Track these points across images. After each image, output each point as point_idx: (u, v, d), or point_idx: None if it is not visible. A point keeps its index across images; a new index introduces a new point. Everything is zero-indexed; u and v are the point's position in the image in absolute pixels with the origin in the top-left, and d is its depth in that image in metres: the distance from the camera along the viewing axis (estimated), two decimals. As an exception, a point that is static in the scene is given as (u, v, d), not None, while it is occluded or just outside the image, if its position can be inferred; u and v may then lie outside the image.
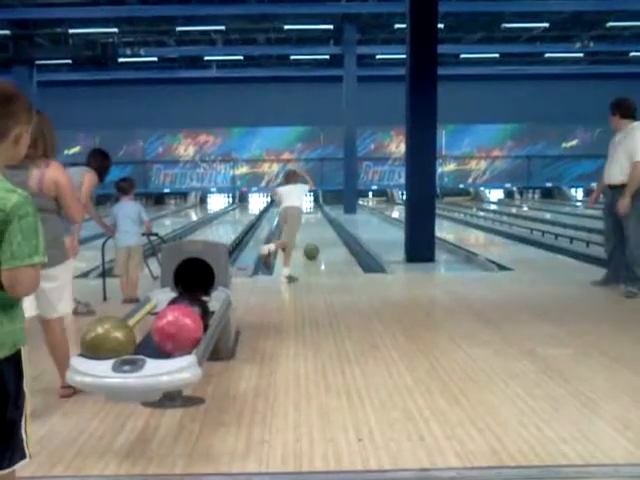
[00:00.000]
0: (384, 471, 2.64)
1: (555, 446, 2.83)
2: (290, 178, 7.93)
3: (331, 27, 21.20)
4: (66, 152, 26.06)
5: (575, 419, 3.14)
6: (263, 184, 27.89)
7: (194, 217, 21.60)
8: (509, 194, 28.63)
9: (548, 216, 18.43)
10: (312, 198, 24.86)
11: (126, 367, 2.60)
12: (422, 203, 8.99)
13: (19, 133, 1.86)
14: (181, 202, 27.60)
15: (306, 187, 7.89)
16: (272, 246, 7.78)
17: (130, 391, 2.61)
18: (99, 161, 5.85)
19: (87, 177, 5.63)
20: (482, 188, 28.55)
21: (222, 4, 18.87)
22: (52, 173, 3.43)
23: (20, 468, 2.63)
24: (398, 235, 10.61)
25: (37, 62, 20.68)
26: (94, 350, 2.74)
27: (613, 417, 3.15)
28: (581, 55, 25.07)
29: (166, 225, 16.82)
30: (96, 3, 18.33)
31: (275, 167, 27.76)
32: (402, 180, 20.18)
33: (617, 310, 5.73)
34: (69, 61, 22.51)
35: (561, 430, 3.00)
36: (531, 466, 2.67)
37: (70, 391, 3.44)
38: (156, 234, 7.03)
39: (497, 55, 25.04)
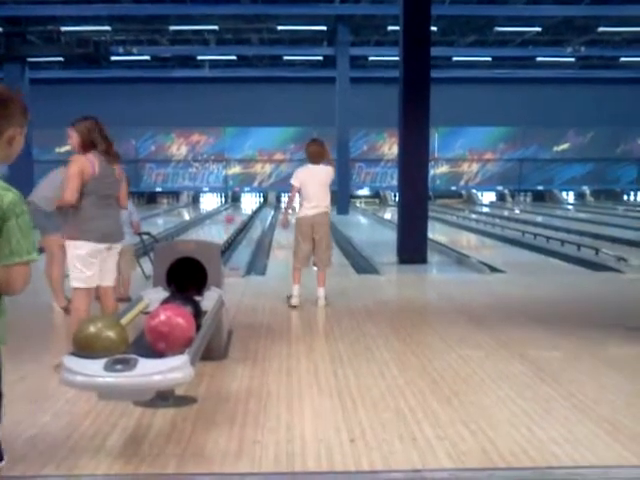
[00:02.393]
0: (376, 472, 2.64)
1: (546, 447, 2.84)
2: (316, 153, 5.89)
3: (324, 28, 21.21)
4: (57, 150, 25.95)
5: (566, 421, 3.15)
6: (255, 184, 27.87)
7: (186, 217, 21.54)
8: (501, 197, 28.74)
9: (539, 219, 18.51)
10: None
11: (118, 366, 2.59)
12: (415, 205, 9.01)
13: (12, 135, 1.90)
14: (173, 201, 27.53)
15: (332, 171, 5.99)
16: (296, 294, 5.91)
17: (122, 390, 2.59)
18: None
19: None
20: (474, 190, 28.65)
21: (215, 4, 18.83)
22: None
23: (10, 467, 2.62)
24: (391, 237, 10.63)
25: (29, 59, 20.57)
26: (86, 349, 2.73)
27: (604, 419, 3.16)
28: (573, 59, 25.20)
29: (158, 224, 16.76)
30: (89, 1, 18.25)
31: (268, 167, 27.74)
32: (395, 182, 20.21)
33: (607, 313, 5.76)
34: (61, 59, 22.41)
35: (552, 432, 3.01)
36: (522, 467, 2.68)
37: None
38: (148, 233, 7.02)
39: (489, 58, 25.13)
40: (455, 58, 24.88)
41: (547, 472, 2.65)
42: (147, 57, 24.51)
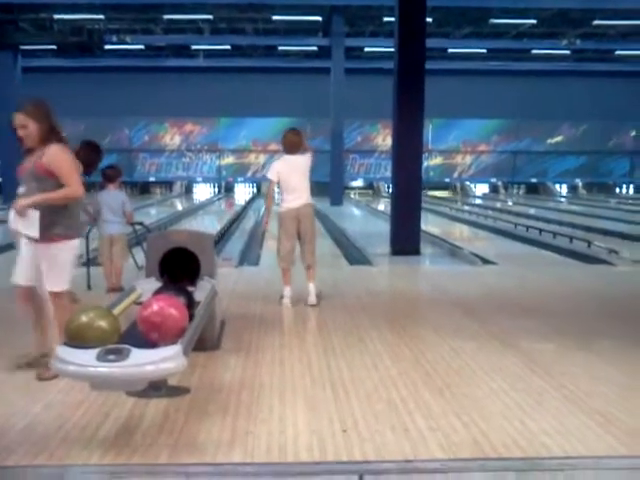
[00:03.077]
0: (369, 462, 2.65)
1: (537, 438, 2.86)
2: (293, 143, 5.59)
3: (319, 19, 21.13)
4: (50, 139, 25.77)
5: (558, 413, 3.17)
6: (249, 174, 27.82)
7: (179, 207, 21.49)
8: (494, 189, 28.81)
9: (532, 211, 18.56)
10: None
11: (111, 356, 2.58)
12: (408, 196, 9.02)
13: None
14: (166, 191, 27.46)
15: (309, 158, 5.65)
16: (287, 295, 5.65)
17: (115, 380, 2.59)
18: (87, 153, 5.79)
19: None
20: (467, 182, 28.68)
21: (210, -7, 18.74)
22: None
23: (3, 457, 2.62)
24: (384, 228, 10.64)
25: (22, 47, 20.41)
26: (78, 339, 2.72)
27: (595, 411, 3.18)
28: (568, 52, 25.21)
29: (151, 214, 16.72)
30: (82, -11, 18.12)
31: (261, 158, 27.68)
32: (388, 173, 20.22)
33: (599, 305, 5.78)
34: (54, 47, 22.24)
35: (544, 423, 3.03)
36: (514, 458, 2.70)
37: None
38: (141, 223, 6.99)
39: (485, 50, 25.11)
40: (450, 50, 24.85)
41: (537, 462, 2.67)
42: (141, 46, 24.37)
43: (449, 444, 2.80)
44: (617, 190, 28.96)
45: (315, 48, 24.70)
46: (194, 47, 24.92)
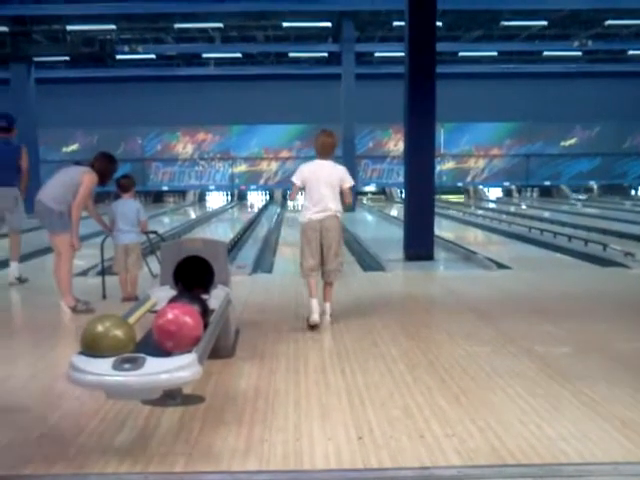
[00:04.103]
0: (385, 469, 2.64)
1: (555, 444, 2.83)
2: (326, 145, 5.14)
3: (329, 25, 21.17)
4: (64, 150, 26.06)
5: (575, 418, 3.14)
6: (262, 182, 27.89)
7: (193, 215, 21.57)
8: (508, 192, 28.65)
9: (547, 214, 18.44)
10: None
11: (126, 365, 2.60)
12: (421, 201, 8.99)
13: None
14: (180, 200, 27.57)
15: (344, 172, 5.17)
16: (315, 310, 5.03)
17: (130, 389, 2.60)
18: (102, 164, 5.89)
19: (86, 177, 5.68)
20: (481, 186, 28.57)
21: (220, 1, 18.80)
22: None
23: (19, 466, 2.64)
24: (397, 233, 10.61)
25: (35, 59, 20.62)
26: (94, 348, 2.74)
27: (613, 416, 3.15)
28: (579, 53, 25.07)
29: (165, 223, 16.79)
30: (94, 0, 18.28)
31: (274, 165, 27.75)
32: (401, 178, 20.20)
33: (616, 308, 5.73)
34: (67, 58, 22.45)
35: (561, 429, 3.00)
36: (531, 464, 2.67)
37: None
38: (155, 232, 7.03)
39: (496, 53, 25.04)
40: (461, 53, 24.80)
41: (556, 469, 2.64)
42: (152, 55, 24.55)
43: (466, 450, 2.78)
44: (632, 192, 28.71)
45: (325, 54, 24.76)
46: (205, 55, 25.07)
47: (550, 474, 2.62)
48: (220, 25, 21.00)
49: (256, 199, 27.49)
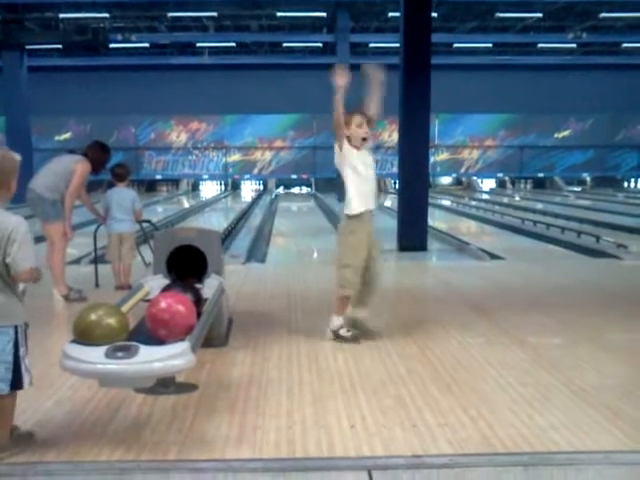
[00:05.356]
0: (377, 457, 2.66)
1: (546, 433, 2.86)
2: (367, 119, 4.40)
3: (324, 15, 21.12)
4: (57, 138, 25.91)
5: (566, 407, 3.16)
6: (255, 171, 27.84)
7: (186, 204, 21.53)
8: (501, 184, 28.71)
9: (540, 206, 18.50)
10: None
11: (119, 353, 2.59)
12: (415, 192, 9.00)
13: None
14: (173, 189, 27.50)
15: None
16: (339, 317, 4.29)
17: (123, 377, 2.60)
18: (96, 153, 5.86)
19: (79, 166, 5.65)
20: (474, 177, 28.61)
21: (215, -10, 18.76)
22: None
23: (15, 454, 2.64)
24: (390, 224, 10.62)
25: (27, 47, 20.47)
26: (87, 336, 2.73)
27: (603, 405, 3.17)
28: (574, 46, 25.11)
29: (158, 212, 16.76)
30: (87, -13, 18.18)
31: (267, 155, 27.70)
32: (395, 169, 20.20)
33: (608, 299, 5.76)
34: (60, 46, 22.31)
35: (552, 418, 3.02)
36: (522, 452, 2.69)
37: None
38: (148, 221, 7.01)
39: (490, 45, 25.04)
40: (456, 44, 24.78)
41: (546, 457, 2.67)
42: (146, 44, 24.43)
43: (457, 439, 2.80)
44: (625, 184, 28.81)
45: (320, 44, 24.68)
46: (199, 45, 24.96)
47: (541, 462, 2.64)
48: (214, 14, 20.90)
49: (249, 189, 27.45)
